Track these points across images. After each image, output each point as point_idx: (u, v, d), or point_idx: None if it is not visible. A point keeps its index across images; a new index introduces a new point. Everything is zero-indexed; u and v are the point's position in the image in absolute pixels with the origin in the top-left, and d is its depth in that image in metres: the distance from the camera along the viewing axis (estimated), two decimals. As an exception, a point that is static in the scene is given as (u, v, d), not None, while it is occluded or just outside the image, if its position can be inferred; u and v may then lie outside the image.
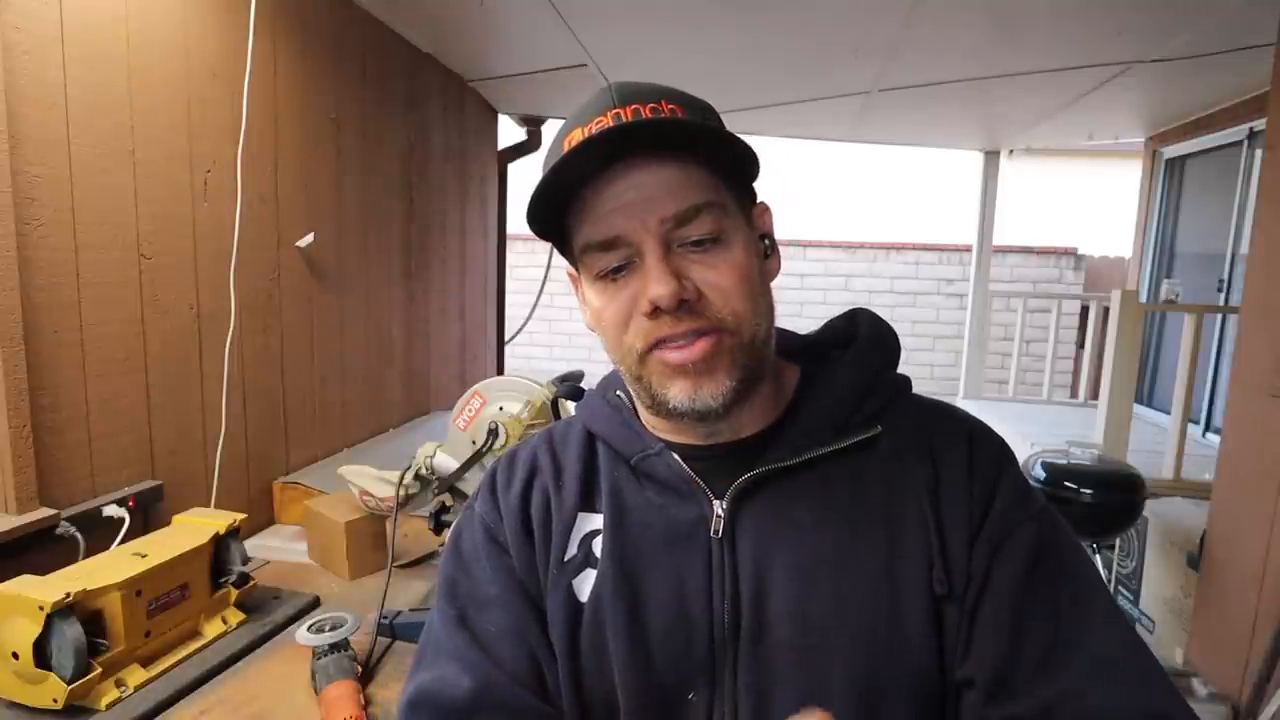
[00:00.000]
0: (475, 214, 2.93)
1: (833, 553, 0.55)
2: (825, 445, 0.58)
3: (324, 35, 1.80)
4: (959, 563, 0.55)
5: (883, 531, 0.56)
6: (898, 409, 0.61)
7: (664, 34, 2.16)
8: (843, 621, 0.54)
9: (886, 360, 0.64)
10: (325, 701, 0.94)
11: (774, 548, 0.56)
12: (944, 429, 0.61)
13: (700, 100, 0.58)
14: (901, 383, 0.64)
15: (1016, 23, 2.09)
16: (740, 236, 0.55)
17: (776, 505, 0.57)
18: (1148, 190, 4.44)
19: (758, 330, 0.56)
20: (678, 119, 0.53)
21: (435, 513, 1.24)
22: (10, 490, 1.09)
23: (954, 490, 0.57)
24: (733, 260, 0.54)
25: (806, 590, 0.55)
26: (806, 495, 0.57)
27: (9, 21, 1.06)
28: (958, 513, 0.56)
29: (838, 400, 0.60)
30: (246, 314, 1.56)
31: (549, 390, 1.27)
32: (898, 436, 0.59)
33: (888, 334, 0.66)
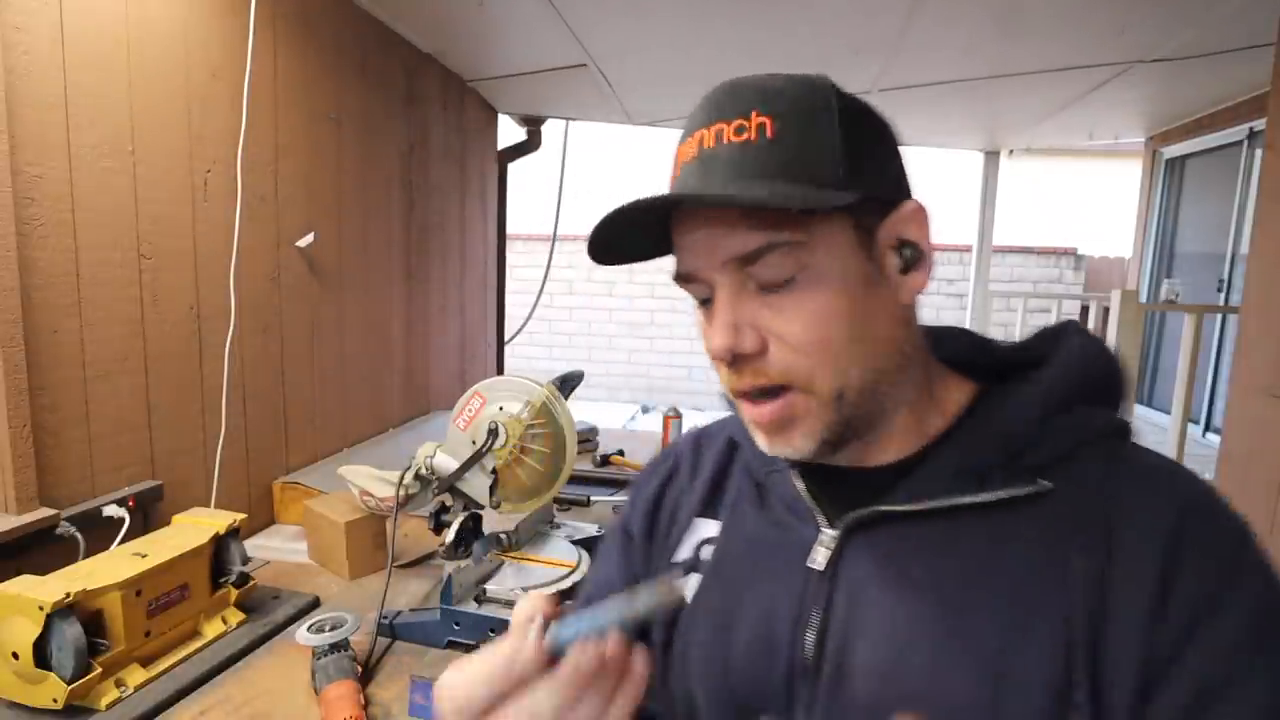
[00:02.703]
0: (475, 214, 2.93)
1: (938, 621, 0.46)
2: (956, 496, 0.48)
3: (324, 35, 1.80)
4: (1118, 675, 0.43)
5: (1007, 614, 0.45)
6: (1087, 463, 0.48)
7: (664, 33, 2.16)
8: (929, 703, 0.45)
9: (1083, 396, 0.50)
10: (325, 701, 0.94)
11: (875, 596, 0.49)
12: (1142, 506, 0.45)
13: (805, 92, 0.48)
14: (1104, 428, 0.49)
15: (1017, 22, 2.09)
16: (830, 261, 0.47)
17: (891, 548, 0.50)
18: (1148, 190, 4.44)
19: (847, 382, 0.48)
20: (716, 195, 0.47)
21: (435, 513, 1.24)
22: (10, 490, 1.09)
23: (1133, 594, 0.43)
24: (809, 307, 0.47)
25: (897, 655, 0.47)
26: (929, 547, 0.49)
27: (9, 21, 1.06)
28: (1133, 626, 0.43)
29: (986, 442, 0.49)
30: (246, 314, 1.56)
31: (549, 390, 1.27)
32: (1071, 503, 0.46)
33: (1096, 361, 0.52)
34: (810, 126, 0.47)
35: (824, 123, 0.47)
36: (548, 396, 1.26)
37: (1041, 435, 0.48)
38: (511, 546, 1.34)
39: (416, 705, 0.96)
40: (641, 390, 7.61)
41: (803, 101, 0.48)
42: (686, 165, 0.49)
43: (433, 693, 0.45)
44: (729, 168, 0.47)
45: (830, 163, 0.46)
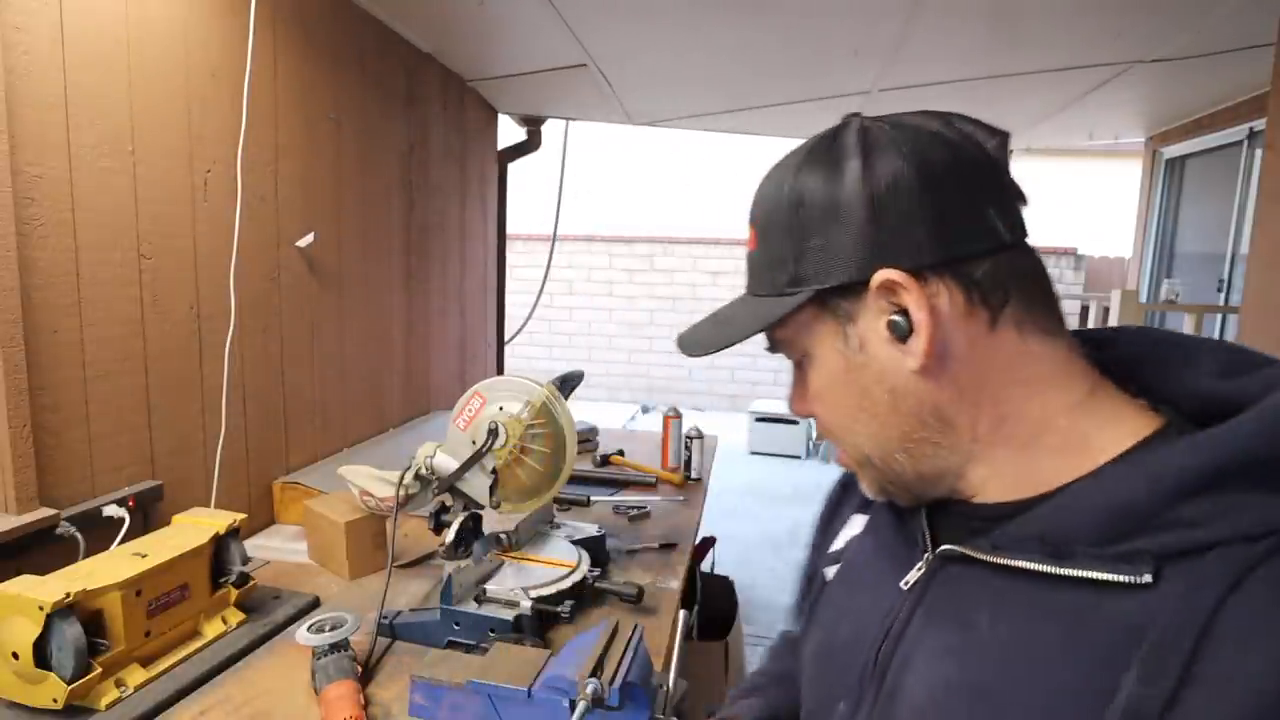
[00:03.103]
0: (475, 214, 2.93)
1: (979, 683, 0.45)
2: (1028, 562, 0.44)
3: (324, 35, 1.80)
4: None
5: (1039, 703, 0.42)
6: (1226, 565, 0.38)
7: (664, 34, 2.16)
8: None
9: (1253, 475, 0.39)
10: (325, 701, 0.94)
11: (937, 633, 0.48)
12: (1258, 650, 0.36)
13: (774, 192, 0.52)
14: (1269, 527, 0.38)
15: (1016, 23, 2.09)
16: (821, 357, 0.52)
17: (970, 590, 0.48)
18: (1148, 190, 4.44)
19: (864, 451, 0.52)
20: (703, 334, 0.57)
21: (435, 513, 1.24)
22: (10, 490, 1.09)
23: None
24: (813, 388, 0.54)
25: (935, 698, 0.47)
26: (1002, 601, 0.45)
27: (9, 21, 1.06)
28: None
29: (1084, 513, 0.43)
30: (246, 314, 1.56)
31: (549, 390, 1.27)
32: (1168, 611, 0.38)
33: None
34: (768, 234, 0.52)
35: (777, 227, 0.51)
36: (548, 396, 1.26)
37: (1163, 519, 0.40)
38: (511, 546, 1.34)
39: (416, 705, 0.96)
40: (641, 390, 7.61)
41: (768, 206, 0.52)
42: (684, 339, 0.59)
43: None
44: (747, 278, 0.56)
45: (780, 268, 0.51)
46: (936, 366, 0.47)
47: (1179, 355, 0.50)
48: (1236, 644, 0.36)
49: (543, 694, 0.89)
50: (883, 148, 0.48)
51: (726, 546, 3.24)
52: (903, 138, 0.48)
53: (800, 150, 0.52)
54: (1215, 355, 0.48)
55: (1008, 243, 0.48)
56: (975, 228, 0.47)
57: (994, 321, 0.47)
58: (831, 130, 0.51)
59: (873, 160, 0.47)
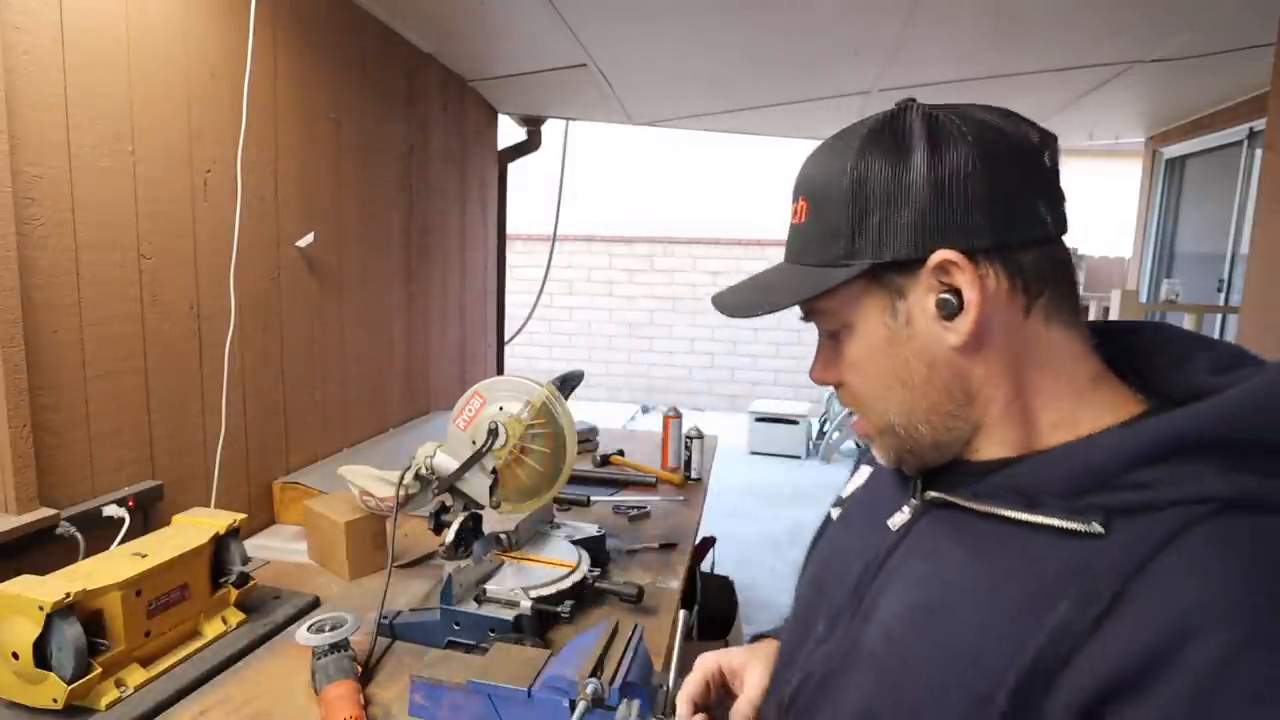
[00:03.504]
0: (475, 214, 2.93)
1: (943, 605, 0.51)
2: (1002, 508, 0.50)
3: (324, 35, 1.80)
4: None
5: (992, 622, 0.47)
6: (1164, 525, 0.43)
7: (664, 34, 2.16)
8: (906, 666, 0.51)
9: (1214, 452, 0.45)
10: (325, 701, 0.94)
11: (916, 565, 0.55)
12: (1169, 597, 0.41)
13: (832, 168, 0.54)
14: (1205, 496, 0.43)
15: (1016, 23, 2.09)
16: (860, 323, 0.55)
17: (947, 532, 0.55)
18: (1148, 190, 4.44)
19: (889, 420, 0.56)
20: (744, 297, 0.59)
21: (435, 513, 1.24)
22: (10, 490, 1.09)
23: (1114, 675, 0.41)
24: (849, 358, 0.57)
25: (902, 619, 0.53)
26: (975, 542, 0.52)
27: (9, 21, 1.06)
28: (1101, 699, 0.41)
29: (1056, 470, 0.49)
30: (246, 314, 1.56)
31: (549, 390, 1.27)
32: (1110, 556, 0.44)
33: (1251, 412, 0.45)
34: (823, 207, 0.54)
35: (833, 201, 0.53)
36: (548, 396, 1.26)
37: (1120, 481, 0.46)
38: (511, 546, 1.34)
39: (416, 705, 0.96)
40: (641, 390, 7.61)
41: (824, 181, 0.54)
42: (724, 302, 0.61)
43: None
44: (788, 248, 0.59)
45: (833, 241, 0.53)
46: (974, 345, 0.51)
47: (1180, 352, 0.54)
48: (1162, 583, 0.42)
49: (543, 694, 0.89)
50: (950, 136, 0.51)
51: (726, 546, 3.24)
52: (969, 128, 0.51)
53: (857, 131, 0.54)
54: (1211, 354, 0.53)
55: (1053, 236, 0.52)
56: (1028, 218, 0.51)
57: (1029, 309, 0.51)
58: (889, 114, 0.54)
59: (940, 147, 0.50)
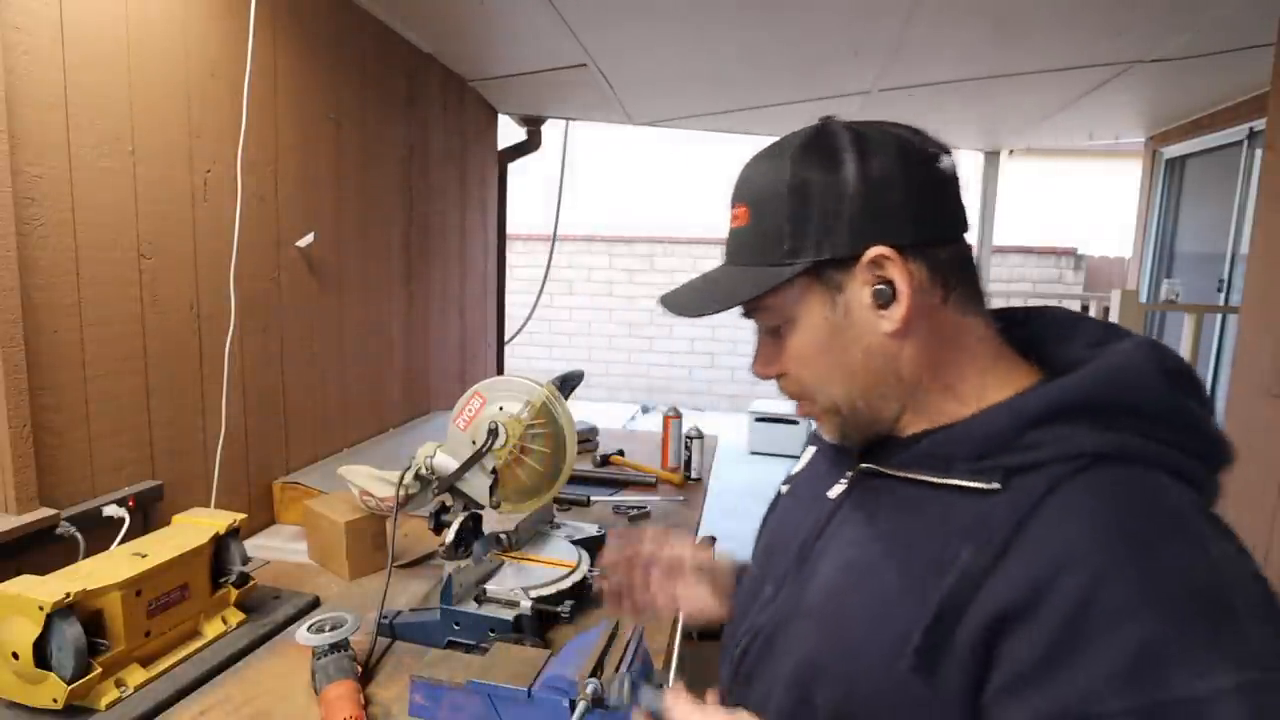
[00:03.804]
0: (475, 214, 2.93)
1: (869, 562, 0.59)
2: (920, 474, 0.58)
3: (324, 35, 1.80)
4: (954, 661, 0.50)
5: (910, 571, 0.55)
6: (1046, 477, 0.51)
7: (664, 34, 2.16)
8: (840, 615, 0.59)
9: (1084, 414, 0.52)
10: (325, 701, 0.94)
11: (848, 529, 0.63)
12: (1046, 535, 0.49)
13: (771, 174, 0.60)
14: (1078, 450, 0.51)
15: (1016, 23, 2.09)
16: (802, 316, 0.60)
17: (876, 498, 0.62)
18: (1148, 190, 4.44)
19: (835, 397, 0.61)
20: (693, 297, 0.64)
21: (435, 513, 1.24)
22: (10, 490, 1.09)
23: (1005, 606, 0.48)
24: (793, 349, 0.62)
25: (837, 576, 0.61)
26: (898, 504, 0.60)
27: (9, 21, 1.06)
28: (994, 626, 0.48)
29: (964, 438, 0.57)
30: (246, 314, 1.56)
31: (549, 390, 1.27)
32: (1004, 506, 0.51)
33: (1119, 381, 0.53)
34: (764, 211, 0.60)
35: (774, 206, 0.59)
36: (548, 396, 1.26)
37: (1015, 443, 0.54)
38: (511, 546, 1.34)
39: (416, 705, 0.96)
40: (641, 390, 7.61)
41: (763, 188, 0.60)
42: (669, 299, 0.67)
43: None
44: (728, 253, 0.64)
45: (776, 242, 0.59)
46: (904, 331, 0.58)
47: (1066, 331, 0.63)
48: (1044, 526, 0.49)
49: (543, 694, 0.89)
50: (875, 146, 0.57)
51: (726, 546, 3.23)
52: (888, 140, 0.58)
53: (790, 143, 0.60)
54: (1091, 331, 0.62)
55: (960, 235, 0.60)
56: (941, 219, 0.59)
57: (946, 298, 0.59)
58: (815, 128, 0.61)
59: (867, 156, 0.57)
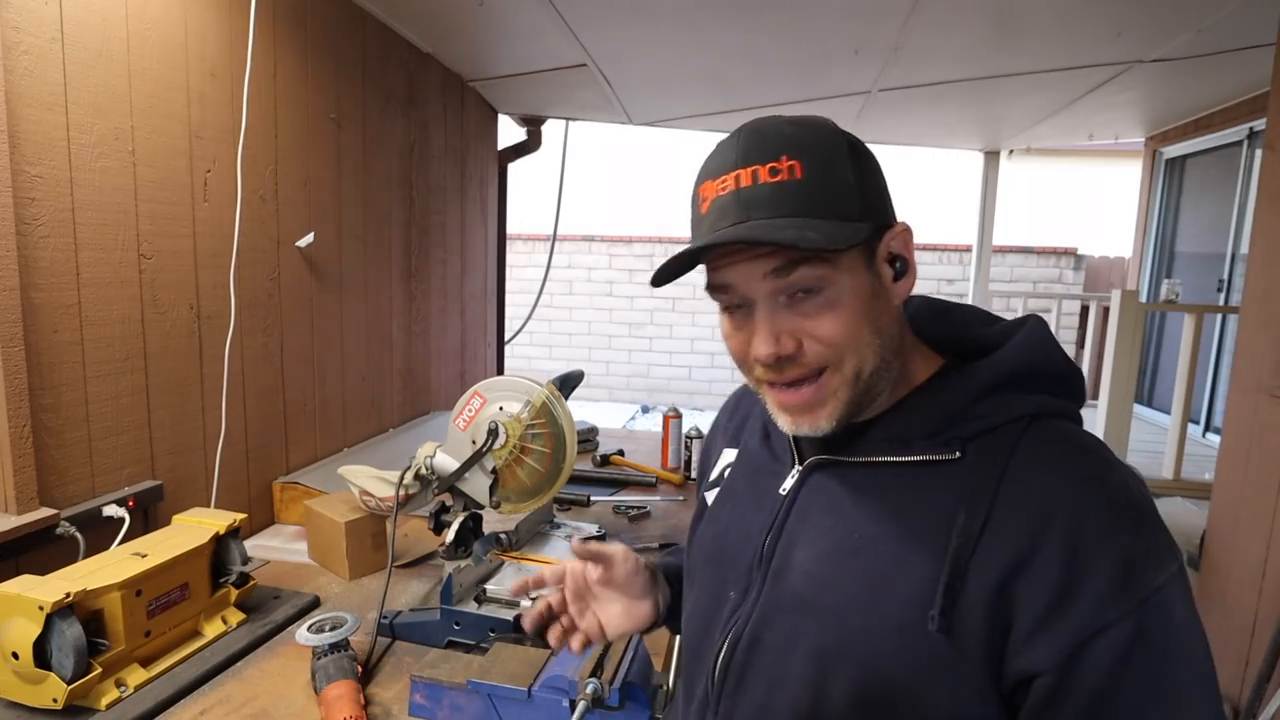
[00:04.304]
0: (475, 214, 2.93)
1: (850, 543, 0.61)
2: (884, 455, 0.62)
3: (324, 35, 1.80)
4: (972, 617, 0.54)
5: (897, 545, 0.58)
6: (1002, 439, 0.58)
7: (664, 34, 2.16)
8: (834, 597, 0.60)
9: (1016, 383, 0.60)
10: (325, 701, 0.94)
11: (815, 518, 0.65)
12: (1023, 482, 0.56)
13: (822, 138, 0.59)
14: (1024, 411, 0.59)
15: (1016, 23, 2.09)
16: (850, 281, 0.58)
17: (835, 485, 0.65)
18: (1148, 190, 4.44)
19: (864, 365, 0.60)
20: (769, 237, 0.55)
21: (435, 513, 1.24)
22: (10, 490, 1.09)
23: (1011, 558, 0.53)
24: (833, 312, 0.58)
25: (820, 561, 0.63)
26: (860, 488, 0.63)
27: (9, 21, 1.06)
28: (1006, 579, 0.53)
29: (919, 416, 0.62)
30: (246, 314, 1.56)
31: (549, 390, 1.27)
32: (975, 470, 0.57)
33: (1035, 354, 0.62)
34: (831, 167, 0.58)
35: (841, 164, 0.59)
36: (548, 396, 1.26)
37: (967, 415, 0.60)
38: (511, 546, 1.34)
39: (416, 705, 0.96)
40: (641, 390, 7.61)
41: (823, 145, 0.59)
42: (722, 200, 0.59)
43: None
44: (769, 205, 0.57)
45: (849, 199, 0.58)
46: (900, 306, 0.64)
47: (957, 317, 0.70)
48: (1021, 478, 0.56)
49: (543, 694, 0.89)
50: (857, 140, 0.61)
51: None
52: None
53: (815, 118, 0.61)
54: (976, 314, 0.70)
55: None
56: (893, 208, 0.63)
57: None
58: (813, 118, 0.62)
59: (858, 144, 0.61)
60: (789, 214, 0.57)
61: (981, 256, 4.57)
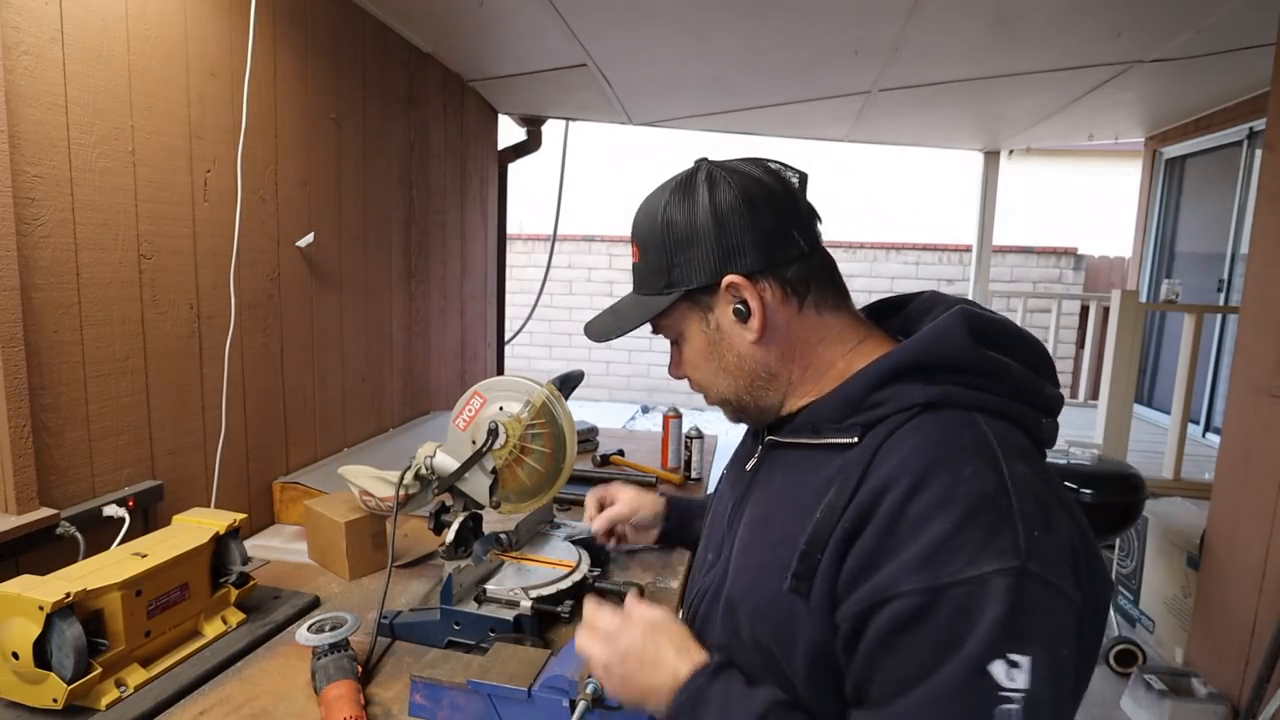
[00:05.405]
0: (475, 214, 2.93)
1: (768, 513, 0.74)
2: (801, 437, 0.73)
3: (324, 35, 1.80)
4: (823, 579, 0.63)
5: (792, 516, 0.69)
6: (890, 426, 0.65)
7: (664, 34, 2.16)
8: (751, 555, 0.74)
9: (916, 374, 0.66)
10: (325, 701, 0.94)
11: (757, 491, 0.79)
12: (883, 466, 0.63)
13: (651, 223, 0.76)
14: (912, 402, 0.65)
15: (1016, 23, 2.09)
16: (691, 334, 0.77)
17: (775, 463, 0.78)
18: (1148, 190, 4.45)
19: (728, 393, 0.78)
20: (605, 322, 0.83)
21: (435, 513, 1.24)
22: (10, 490, 1.09)
23: (852, 524, 0.62)
24: (687, 357, 0.80)
25: (748, 529, 0.76)
26: (788, 466, 0.75)
27: (9, 21, 1.06)
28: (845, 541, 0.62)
29: (829, 404, 0.72)
30: (246, 314, 1.56)
31: (549, 390, 1.27)
32: (860, 452, 0.66)
33: (934, 347, 0.67)
34: (648, 249, 0.76)
35: (654, 245, 0.75)
36: (548, 396, 1.26)
37: (865, 403, 0.68)
38: (511, 546, 1.34)
39: (416, 705, 0.96)
40: (641, 390, 7.61)
41: (646, 230, 0.76)
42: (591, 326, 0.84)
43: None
44: (634, 278, 0.81)
45: (657, 275, 0.76)
46: (766, 339, 0.73)
47: (918, 310, 0.77)
48: (883, 461, 0.63)
49: (543, 694, 0.89)
50: (720, 185, 0.72)
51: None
52: (733, 179, 0.72)
53: (666, 187, 0.76)
54: (926, 305, 0.76)
55: (807, 253, 0.73)
56: (785, 244, 0.72)
57: (801, 306, 0.73)
58: (689, 171, 0.76)
59: (715, 195, 0.72)
60: (635, 291, 0.80)
61: (981, 256, 4.57)
